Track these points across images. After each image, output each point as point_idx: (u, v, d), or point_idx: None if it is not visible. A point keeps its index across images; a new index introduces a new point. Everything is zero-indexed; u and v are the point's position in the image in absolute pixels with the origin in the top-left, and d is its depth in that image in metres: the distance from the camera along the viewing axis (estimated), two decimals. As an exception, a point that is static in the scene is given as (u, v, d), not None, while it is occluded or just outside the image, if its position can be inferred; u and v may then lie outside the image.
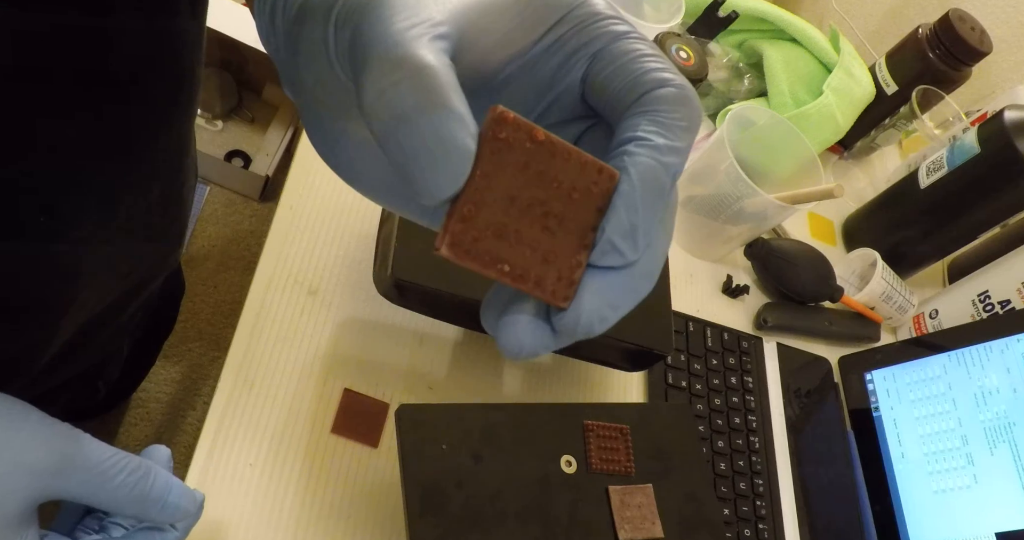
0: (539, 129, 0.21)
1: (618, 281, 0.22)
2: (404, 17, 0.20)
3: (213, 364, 1.22)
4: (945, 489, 0.67)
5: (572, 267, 0.22)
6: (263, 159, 1.41)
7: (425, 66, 0.19)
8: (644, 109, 0.22)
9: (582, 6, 0.23)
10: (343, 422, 0.53)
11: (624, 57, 0.23)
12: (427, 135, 0.19)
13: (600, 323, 0.22)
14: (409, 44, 0.19)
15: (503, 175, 0.21)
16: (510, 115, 0.21)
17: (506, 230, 0.21)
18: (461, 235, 0.21)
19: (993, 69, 1.06)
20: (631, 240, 0.22)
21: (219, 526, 0.47)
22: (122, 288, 0.51)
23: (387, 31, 0.20)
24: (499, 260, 0.21)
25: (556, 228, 0.22)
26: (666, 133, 0.22)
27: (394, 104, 0.19)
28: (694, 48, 0.70)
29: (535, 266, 0.22)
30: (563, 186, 0.22)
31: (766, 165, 0.77)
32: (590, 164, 0.22)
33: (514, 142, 0.21)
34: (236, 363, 0.52)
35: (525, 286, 0.22)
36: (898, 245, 0.86)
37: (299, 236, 0.59)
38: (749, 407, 0.71)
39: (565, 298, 0.22)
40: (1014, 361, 0.67)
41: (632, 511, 0.48)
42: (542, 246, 0.22)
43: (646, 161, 0.22)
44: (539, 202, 0.22)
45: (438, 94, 0.19)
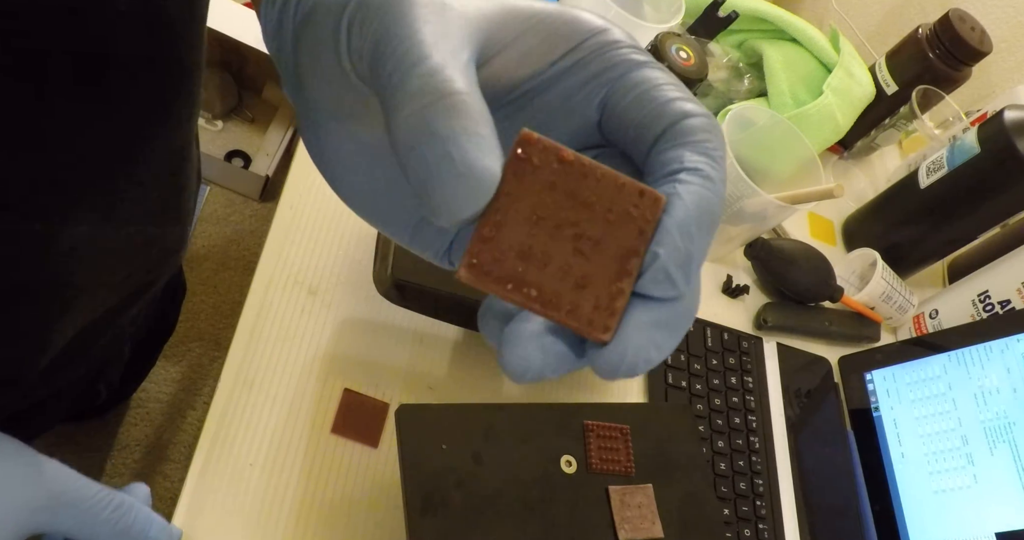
0: (567, 150, 0.20)
1: (665, 315, 0.20)
2: (435, 32, 0.20)
3: (213, 364, 1.22)
4: (945, 489, 0.67)
5: (612, 295, 0.20)
6: (263, 159, 1.41)
7: (461, 92, 0.19)
8: (683, 140, 0.21)
9: (602, 33, 0.23)
10: (343, 422, 0.53)
11: (645, 85, 0.22)
12: (454, 155, 0.19)
13: (645, 364, 0.20)
14: (445, 68, 0.19)
15: (528, 195, 0.20)
16: (535, 136, 0.20)
17: (532, 253, 0.20)
18: (480, 256, 0.19)
19: (993, 69, 1.06)
20: (684, 270, 0.20)
21: (219, 526, 0.47)
22: (122, 292, 0.51)
23: (420, 48, 0.19)
24: (525, 284, 0.20)
25: (590, 251, 0.20)
26: (712, 163, 0.21)
27: (426, 123, 0.19)
28: (694, 48, 0.70)
29: (567, 292, 0.20)
30: (597, 207, 0.20)
31: (766, 165, 0.77)
32: (629, 186, 0.20)
33: (540, 162, 0.20)
34: (236, 363, 0.52)
35: (557, 314, 0.20)
36: (898, 245, 0.86)
37: (299, 236, 0.59)
38: (749, 407, 0.71)
39: (606, 329, 0.20)
40: (1014, 361, 0.67)
41: (632, 511, 0.48)
42: (575, 270, 0.20)
43: (700, 190, 0.21)
44: (569, 224, 0.20)
45: (471, 119, 0.19)
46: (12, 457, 0.37)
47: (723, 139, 0.22)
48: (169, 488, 1.09)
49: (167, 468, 1.11)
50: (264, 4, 0.25)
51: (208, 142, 1.41)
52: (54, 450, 0.99)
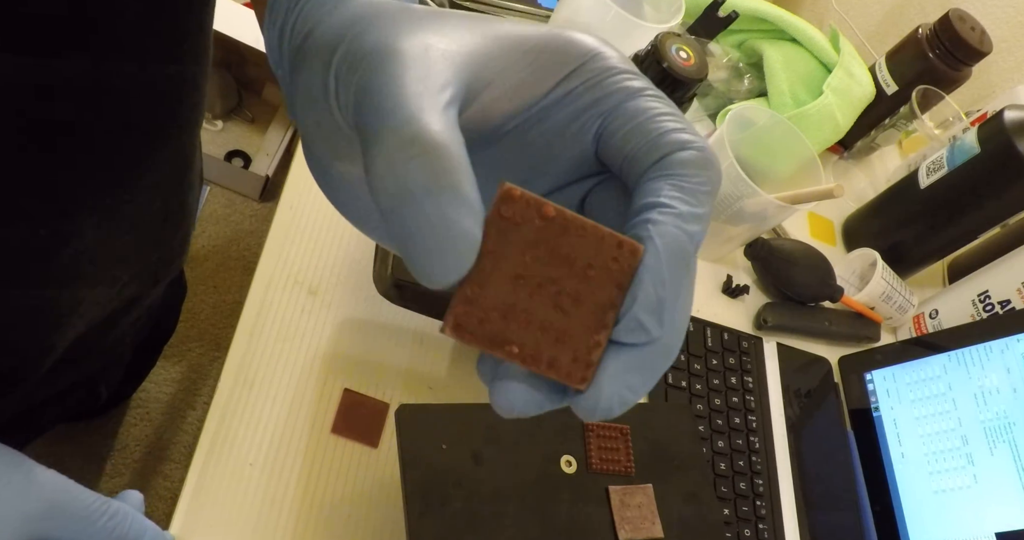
0: (549, 205, 0.20)
1: (638, 360, 0.21)
2: (414, 79, 0.19)
3: (213, 364, 1.22)
4: (945, 489, 0.67)
5: (589, 348, 0.21)
6: (263, 159, 1.41)
7: (438, 145, 0.18)
8: (666, 173, 0.21)
9: (595, 59, 0.22)
10: (343, 422, 0.53)
11: (642, 115, 0.22)
12: (433, 218, 0.18)
13: (620, 407, 0.21)
14: (422, 118, 0.19)
15: (510, 254, 0.20)
16: (517, 191, 0.20)
17: (514, 311, 0.20)
18: (465, 317, 0.20)
19: (993, 69, 1.06)
20: (657, 316, 0.21)
21: (219, 526, 0.47)
22: (124, 296, 0.51)
23: (399, 100, 0.19)
24: (507, 341, 0.21)
25: (570, 307, 0.21)
26: (689, 199, 0.21)
27: (403, 180, 0.18)
28: (694, 48, 0.70)
29: (547, 347, 0.21)
30: (577, 263, 0.21)
31: (766, 165, 0.77)
32: (608, 238, 0.21)
33: (522, 220, 0.20)
34: (236, 363, 0.52)
35: (537, 368, 0.21)
36: (898, 245, 0.86)
37: (299, 236, 0.59)
38: (749, 407, 0.71)
39: (582, 379, 0.21)
40: (1014, 361, 0.67)
41: (632, 511, 0.48)
42: (554, 326, 0.21)
43: (670, 230, 0.21)
44: (551, 281, 0.21)
45: (450, 175, 0.18)
46: (8, 466, 0.37)
47: (716, 171, 0.22)
48: (169, 488, 1.09)
49: (167, 468, 1.11)
50: (266, 24, 0.25)
51: (208, 142, 1.41)
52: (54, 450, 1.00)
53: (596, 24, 0.73)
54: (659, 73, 0.68)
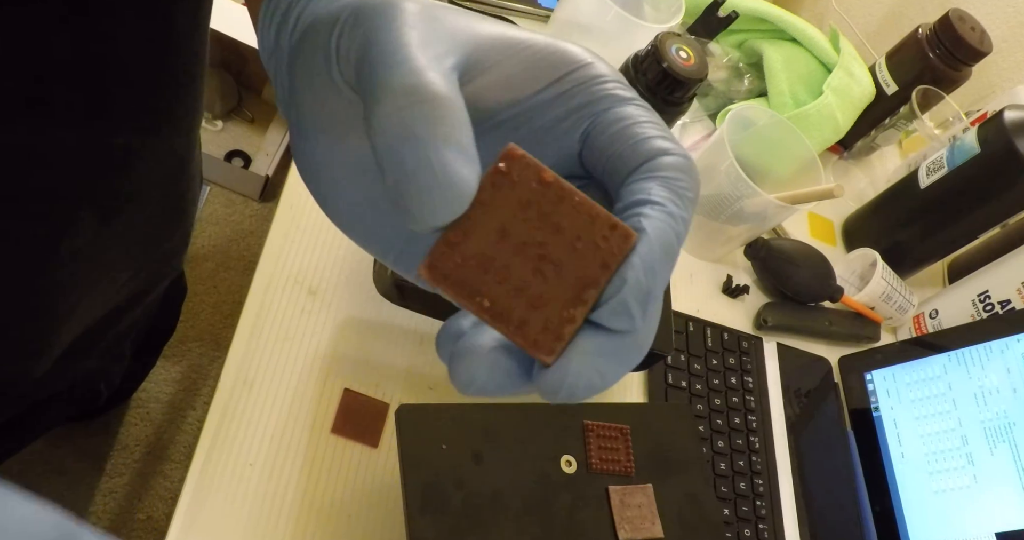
0: (549, 171, 0.20)
1: (613, 347, 0.20)
2: (420, 38, 0.20)
3: (213, 364, 1.22)
4: (945, 489, 0.67)
5: (563, 320, 0.20)
6: (263, 159, 1.41)
7: (443, 96, 0.19)
8: (655, 174, 0.22)
9: (587, 67, 0.23)
10: (343, 422, 0.53)
11: (627, 120, 0.22)
12: (433, 162, 0.18)
13: (585, 390, 0.20)
14: (427, 70, 0.19)
15: (501, 208, 0.20)
16: (519, 152, 0.20)
17: (493, 263, 0.20)
18: (442, 258, 0.20)
19: (993, 69, 1.06)
20: (642, 306, 0.20)
21: (219, 526, 0.47)
22: (123, 296, 0.51)
23: (405, 50, 0.19)
24: (479, 293, 0.20)
25: (551, 274, 0.20)
26: (677, 200, 0.21)
27: (407, 123, 0.19)
28: (694, 48, 0.70)
29: (520, 309, 0.20)
30: (567, 233, 0.20)
31: (766, 165, 0.77)
32: (602, 217, 0.21)
33: (519, 179, 0.20)
34: (236, 363, 0.52)
35: (505, 328, 0.20)
36: (898, 245, 0.86)
37: (299, 236, 0.59)
38: (749, 407, 0.71)
39: (550, 351, 0.20)
40: (1014, 361, 0.67)
41: (632, 511, 0.48)
42: (531, 290, 0.20)
43: (664, 226, 0.21)
44: (536, 243, 0.20)
45: (451, 126, 0.19)
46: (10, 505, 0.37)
47: (696, 180, 0.22)
48: (169, 488, 1.09)
49: (167, 468, 1.11)
50: (261, 24, 0.25)
51: (208, 142, 1.41)
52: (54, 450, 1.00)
53: (596, 24, 0.73)
54: (659, 73, 0.68)
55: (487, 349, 0.20)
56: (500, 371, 0.20)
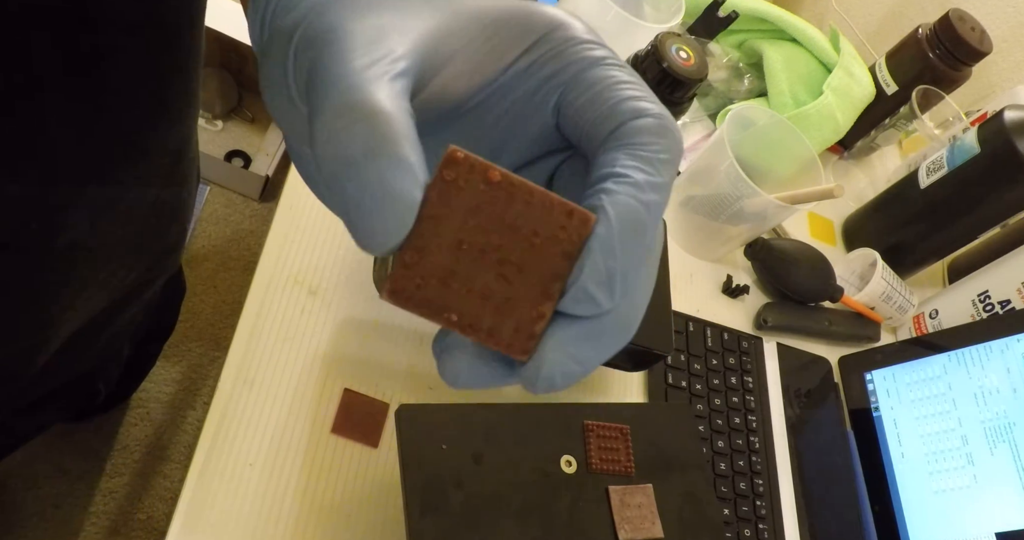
0: (495, 169, 0.20)
1: (586, 332, 0.20)
2: (363, 53, 0.19)
3: (213, 364, 1.22)
4: (945, 489, 0.67)
5: (533, 319, 0.20)
6: (263, 159, 1.41)
7: (378, 111, 0.18)
8: (623, 142, 0.21)
9: (558, 29, 0.22)
10: (343, 422, 0.53)
11: (600, 84, 0.21)
12: (372, 182, 0.18)
13: (563, 378, 0.20)
14: (365, 87, 0.18)
15: (452, 219, 0.20)
16: (461, 154, 0.20)
17: (454, 277, 0.20)
18: (402, 281, 0.20)
19: (993, 69, 1.06)
20: (607, 287, 0.20)
21: (219, 526, 0.47)
22: (121, 290, 0.51)
23: (344, 70, 0.19)
24: (445, 308, 0.20)
25: (514, 276, 0.20)
26: (646, 168, 0.20)
27: (343, 147, 0.18)
28: (694, 48, 0.70)
29: (488, 316, 0.20)
30: (522, 231, 0.20)
31: (766, 165, 0.77)
32: (557, 207, 0.20)
33: (465, 184, 0.20)
34: (236, 363, 0.52)
35: (477, 337, 0.20)
36: (898, 245, 0.86)
37: (299, 236, 0.59)
38: (749, 407, 0.71)
39: (524, 351, 0.21)
40: (1014, 361, 0.67)
41: (632, 511, 0.48)
42: (496, 295, 0.20)
43: (625, 200, 0.20)
44: (494, 248, 0.20)
45: (389, 141, 0.18)
46: None
47: (676, 139, 0.21)
48: (169, 488, 1.09)
49: (167, 468, 1.11)
50: (250, 12, 0.25)
51: (208, 142, 1.41)
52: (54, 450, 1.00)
53: (596, 24, 0.73)
54: (659, 73, 0.68)
55: (470, 346, 0.21)
56: (482, 367, 0.21)
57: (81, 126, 0.36)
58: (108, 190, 0.40)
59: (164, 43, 0.38)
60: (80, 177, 0.38)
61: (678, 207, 0.77)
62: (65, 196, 0.38)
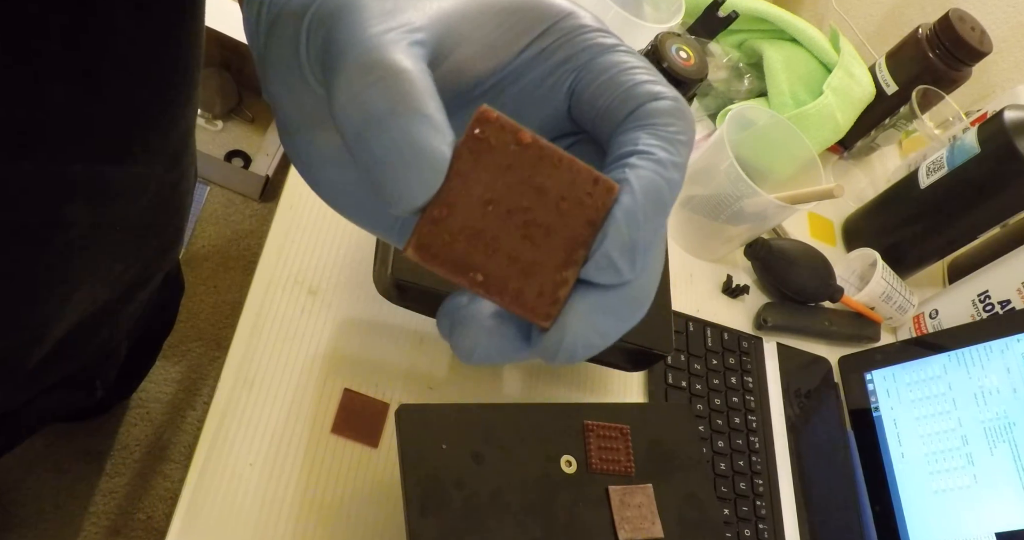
0: (526, 131, 0.20)
1: (608, 303, 0.20)
2: (380, 20, 0.19)
3: (213, 364, 1.22)
4: (945, 489, 0.67)
5: (556, 284, 0.20)
6: (263, 159, 1.41)
7: (400, 69, 0.18)
8: (643, 122, 0.21)
9: (568, 18, 0.22)
10: (343, 422, 0.53)
11: (613, 69, 0.22)
12: (399, 139, 0.18)
13: (585, 349, 0.20)
14: (385, 47, 0.19)
15: (481, 177, 0.20)
16: (493, 114, 0.19)
17: (482, 236, 0.20)
18: (430, 237, 0.19)
19: (993, 69, 1.06)
20: (629, 257, 0.20)
21: (219, 526, 0.47)
22: (119, 286, 0.51)
23: (363, 34, 0.19)
24: (471, 267, 0.20)
25: (540, 239, 0.20)
26: (667, 146, 0.21)
27: (367, 107, 0.18)
28: (694, 48, 0.70)
29: (514, 278, 0.20)
30: (550, 194, 0.20)
31: (766, 165, 0.77)
32: (584, 173, 0.20)
33: (496, 143, 0.20)
34: (236, 363, 0.52)
35: (502, 299, 0.20)
36: (898, 245, 0.86)
37: (299, 236, 0.59)
38: (749, 407, 0.71)
39: (547, 316, 0.20)
40: (1014, 361, 0.67)
41: (632, 511, 0.48)
42: (523, 257, 0.20)
43: (649, 175, 0.20)
44: (521, 209, 0.20)
45: (413, 98, 0.18)
46: None
47: (690, 122, 0.21)
48: (169, 488, 1.09)
49: (167, 468, 1.11)
50: (245, 10, 0.25)
51: (208, 142, 1.41)
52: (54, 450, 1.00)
53: (596, 24, 0.73)
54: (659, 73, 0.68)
55: (486, 316, 0.21)
56: (500, 337, 0.21)
57: (80, 119, 0.36)
58: (106, 185, 0.40)
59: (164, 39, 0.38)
60: (79, 172, 0.38)
61: (678, 207, 0.77)
62: (65, 190, 0.38)
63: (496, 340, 0.21)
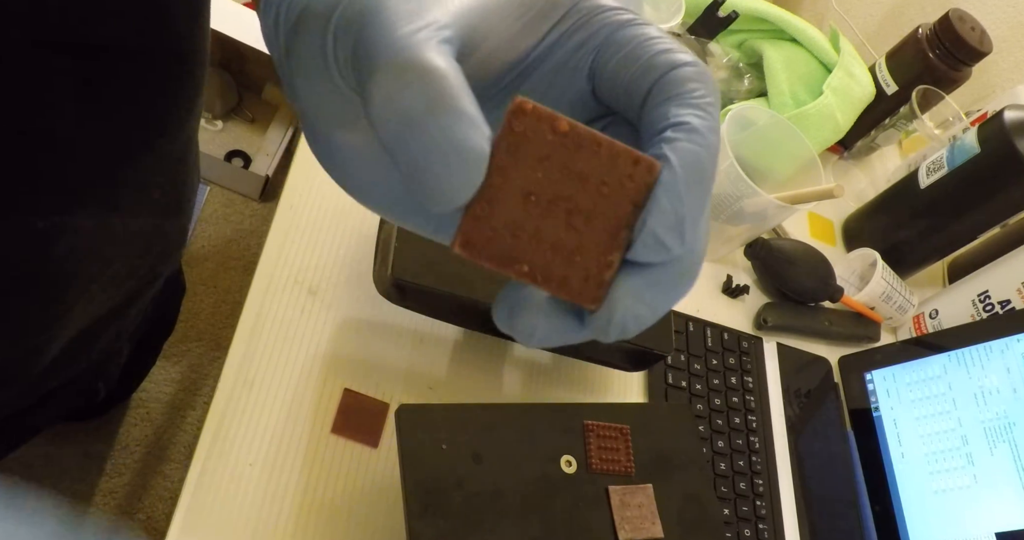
0: (563, 119, 0.20)
1: (656, 278, 0.21)
2: (408, 21, 0.19)
3: (213, 364, 1.22)
4: (945, 489, 0.67)
5: (602, 267, 0.21)
6: (263, 159, 1.41)
7: (433, 68, 0.19)
8: (670, 94, 0.21)
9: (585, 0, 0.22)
10: (343, 422, 0.53)
11: (631, 43, 0.22)
12: (438, 139, 0.18)
13: (636, 323, 0.21)
14: (416, 47, 0.19)
15: (521, 170, 0.20)
16: (529, 105, 0.20)
17: (524, 228, 0.20)
18: (474, 234, 0.20)
19: (993, 69, 1.06)
20: (677, 232, 0.20)
21: (219, 526, 0.47)
22: (122, 291, 0.51)
23: (392, 36, 0.19)
24: (517, 260, 0.20)
25: (583, 226, 0.20)
26: (699, 113, 0.21)
27: (403, 108, 0.18)
28: (694, 48, 0.70)
29: (558, 266, 0.20)
30: (591, 180, 0.20)
31: (766, 165, 0.77)
32: (623, 154, 0.20)
33: (533, 135, 0.20)
34: (236, 363, 0.52)
35: (548, 287, 0.21)
36: (898, 245, 0.86)
37: (299, 236, 0.59)
38: (749, 407, 0.71)
39: (595, 299, 0.21)
40: (1014, 361, 0.67)
41: (632, 511, 0.48)
42: (566, 245, 0.20)
43: (686, 146, 0.20)
44: (563, 198, 0.20)
45: (448, 96, 0.18)
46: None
47: (713, 84, 0.22)
48: (169, 488, 1.09)
49: (167, 468, 1.11)
50: (263, 13, 0.25)
51: (208, 142, 1.41)
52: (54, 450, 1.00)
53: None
54: (659, 73, 0.68)
55: (543, 299, 0.21)
56: (557, 318, 0.21)
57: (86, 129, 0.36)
58: (110, 191, 0.40)
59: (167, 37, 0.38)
60: (84, 179, 0.38)
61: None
62: (69, 197, 0.38)
63: (553, 321, 0.21)
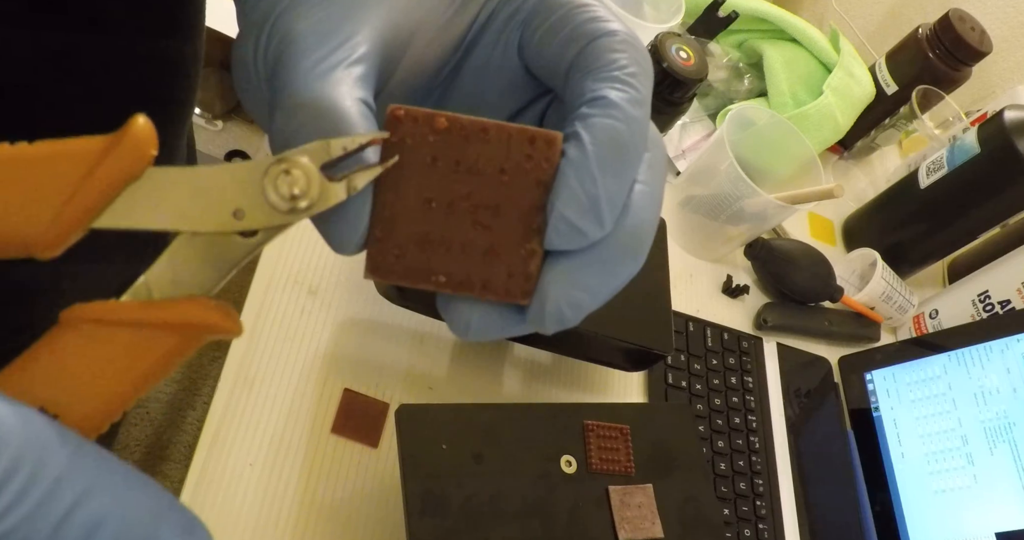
0: (440, 115, 0.19)
1: (588, 261, 0.19)
2: (315, 50, 0.19)
3: (213, 364, 1.22)
4: (945, 489, 0.67)
5: (524, 258, 0.19)
6: (263, 159, 1.41)
7: (326, 108, 0.18)
8: (590, 67, 0.20)
9: None
10: (343, 422, 0.53)
11: (557, 12, 0.21)
12: None
13: (574, 310, 0.19)
14: (313, 85, 0.18)
15: (412, 180, 0.19)
16: (400, 111, 0.19)
17: (430, 238, 0.19)
18: (379, 257, 0.19)
19: (993, 69, 1.06)
20: (593, 213, 0.18)
21: (219, 526, 0.47)
22: (116, 281, 0.51)
23: (295, 70, 0.19)
24: (431, 272, 0.19)
25: (491, 221, 0.19)
26: (618, 85, 0.19)
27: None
28: (694, 48, 0.70)
29: (476, 269, 0.19)
30: (488, 171, 0.19)
31: (766, 165, 0.77)
32: (516, 135, 0.19)
33: (414, 140, 0.19)
34: (236, 363, 0.52)
35: (471, 292, 0.19)
36: (898, 245, 0.86)
37: (299, 236, 0.59)
38: (749, 407, 0.71)
39: (524, 294, 0.19)
40: (1014, 361, 0.67)
41: (632, 511, 0.48)
42: (479, 245, 0.19)
43: (600, 121, 0.19)
44: (462, 197, 0.19)
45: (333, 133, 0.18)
46: None
47: (641, 51, 0.20)
48: (169, 488, 1.09)
49: (167, 468, 1.11)
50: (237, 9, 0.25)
51: (208, 142, 1.41)
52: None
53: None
54: (659, 73, 0.68)
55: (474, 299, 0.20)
56: (492, 314, 0.20)
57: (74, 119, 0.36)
58: None
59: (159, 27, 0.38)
60: None
61: (678, 207, 0.77)
62: None
63: (490, 315, 0.20)
